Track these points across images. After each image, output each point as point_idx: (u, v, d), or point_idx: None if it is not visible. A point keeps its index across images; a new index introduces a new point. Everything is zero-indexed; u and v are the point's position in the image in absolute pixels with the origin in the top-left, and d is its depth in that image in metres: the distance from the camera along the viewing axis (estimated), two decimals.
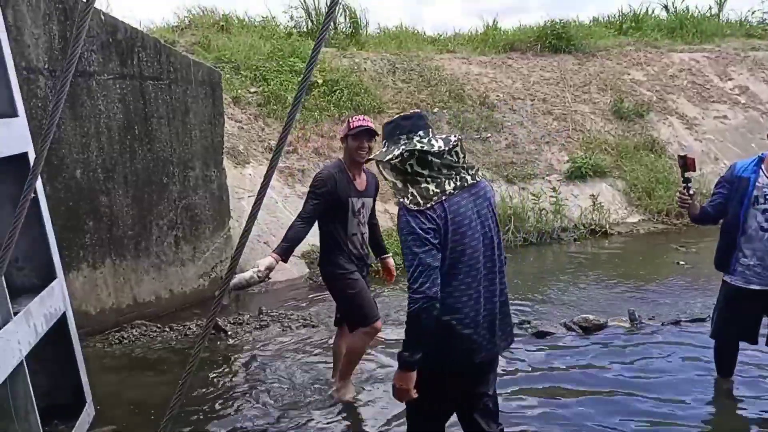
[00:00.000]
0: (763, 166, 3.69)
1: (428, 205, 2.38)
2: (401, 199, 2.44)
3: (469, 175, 2.51)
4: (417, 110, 2.80)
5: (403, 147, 2.46)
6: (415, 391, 2.42)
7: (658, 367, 4.46)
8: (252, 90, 9.60)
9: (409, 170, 2.45)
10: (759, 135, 11.38)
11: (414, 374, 2.40)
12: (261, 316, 5.67)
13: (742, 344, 4.00)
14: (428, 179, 2.43)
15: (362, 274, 3.92)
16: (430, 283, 2.32)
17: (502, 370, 4.44)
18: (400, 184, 2.47)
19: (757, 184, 3.66)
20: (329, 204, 3.74)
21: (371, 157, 2.89)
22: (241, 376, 4.51)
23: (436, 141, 2.49)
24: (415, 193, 2.41)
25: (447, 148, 2.47)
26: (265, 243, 7.21)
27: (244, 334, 5.33)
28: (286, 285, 6.91)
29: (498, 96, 11.31)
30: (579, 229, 9.07)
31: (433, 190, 2.42)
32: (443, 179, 2.44)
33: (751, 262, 3.70)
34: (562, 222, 9.06)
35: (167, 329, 5.45)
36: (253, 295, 6.60)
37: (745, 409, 3.87)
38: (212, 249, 6.44)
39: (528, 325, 5.34)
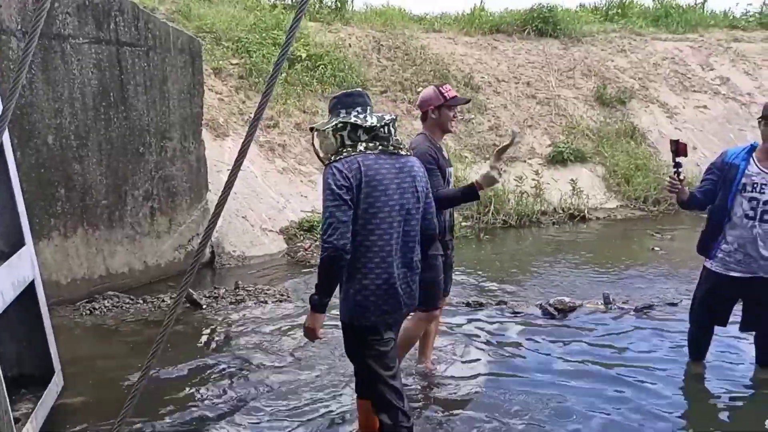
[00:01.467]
0: (754, 155, 3.70)
1: (346, 158, 2.70)
2: (332, 163, 2.73)
3: (395, 148, 2.81)
4: (359, 89, 3.07)
5: (340, 119, 2.77)
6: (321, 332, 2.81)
7: (630, 349, 4.51)
8: (233, 62, 9.42)
9: (339, 140, 2.77)
10: (738, 125, 11.50)
11: (322, 316, 2.75)
12: (237, 290, 5.61)
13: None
14: (350, 149, 2.74)
15: (446, 251, 3.76)
16: (338, 235, 2.60)
17: (481, 349, 4.47)
18: (326, 151, 2.83)
19: (746, 172, 3.67)
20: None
21: (312, 125, 3.00)
22: (215, 350, 4.46)
23: (371, 117, 2.79)
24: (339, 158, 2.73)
25: (379, 125, 2.78)
26: (243, 217, 7.13)
27: (219, 308, 5.27)
28: (263, 260, 6.85)
29: (483, 78, 11.25)
30: (558, 213, 9.12)
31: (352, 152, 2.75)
32: (365, 145, 2.75)
33: (732, 248, 3.73)
34: (542, 206, 9.09)
35: (140, 301, 5.38)
36: (229, 269, 6.54)
37: (714, 392, 3.93)
38: (189, 221, 6.35)
39: (505, 306, 5.36)
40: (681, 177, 3.83)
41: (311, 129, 2.97)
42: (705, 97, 12.02)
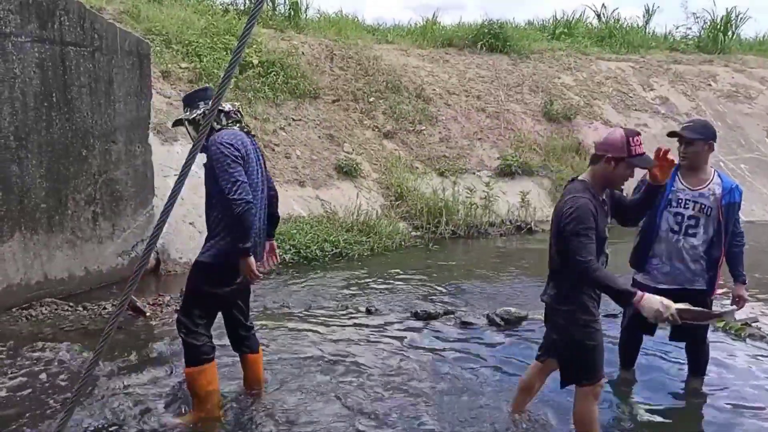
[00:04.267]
0: (679, 173, 3.89)
1: (229, 133, 3.36)
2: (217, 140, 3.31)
3: (249, 129, 3.53)
4: (207, 85, 3.83)
5: (204, 108, 3.42)
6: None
7: None
8: (183, 65, 9.26)
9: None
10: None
11: (252, 259, 3.31)
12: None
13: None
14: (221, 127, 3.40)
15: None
16: (245, 192, 3.23)
17: (427, 361, 4.50)
18: (196, 135, 3.39)
19: (672, 188, 3.85)
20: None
21: (178, 118, 3.57)
22: (159, 360, 4.35)
23: (224, 105, 3.46)
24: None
25: (233, 110, 3.49)
26: (191, 224, 6.99)
27: (163, 316, 5.14)
28: None
29: (434, 90, 11.41)
30: (506, 224, 9.31)
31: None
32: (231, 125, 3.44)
33: (660, 262, 3.90)
34: (490, 217, 9.26)
35: (80, 308, 5.20)
36: (175, 276, 6.39)
37: (641, 399, 4.06)
38: (134, 227, 6.18)
39: (452, 316, 5.42)
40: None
41: (177, 122, 3.61)
42: (645, 115, 12.52)
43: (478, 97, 11.67)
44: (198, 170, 8.11)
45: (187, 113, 3.48)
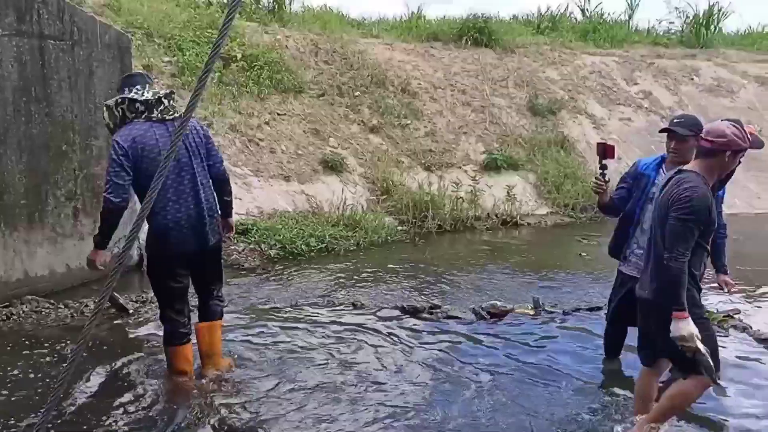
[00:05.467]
0: (663, 166, 3.91)
1: (122, 132, 3.51)
2: (114, 135, 3.52)
3: (169, 115, 3.57)
4: (140, 71, 3.93)
5: (121, 96, 3.54)
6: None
7: (555, 351, 4.65)
8: (165, 59, 9.15)
9: (119, 113, 3.55)
10: (658, 138, 12.03)
11: (103, 252, 3.70)
12: None
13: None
14: (129, 121, 3.54)
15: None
16: (114, 194, 3.46)
17: (416, 354, 4.50)
18: (111, 124, 3.59)
19: (656, 182, 3.87)
20: (701, 234, 3.07)
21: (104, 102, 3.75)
22: (142, 358, 4.30)
23: (148, 92, 3.56)
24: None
25: (154, 99, 3.55)
26: None
27: (146, 313, 5.08)
28: None
29: (419, 84, 11.39)
30: (491, 218, 9.32)
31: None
32: (144, 115, 3.54)
33: (642, 252, 3.92)
34: (476, 211, 9.26)
35: (62, 306, 5.12)
36: None
37: (626, 387, 4.07)
38: None
39: (438, 310, 5.42)
40: (606, 179, 4.01)
41: (105, 106, 3.64)
42: (629, 110, 12.59)
43: (464, 92, 11.66)
44: None
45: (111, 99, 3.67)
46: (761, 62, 14.72)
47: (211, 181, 3.77)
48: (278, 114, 9.54)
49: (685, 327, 2.91)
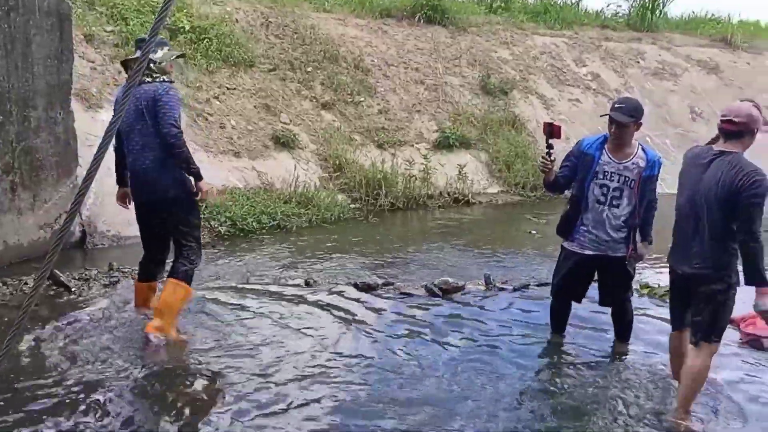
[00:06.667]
0: (606, 146, 4.00)
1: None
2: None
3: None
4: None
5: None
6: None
7: (505, 325, 4.73)
8: (108, 29, 8.76)
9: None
10: (606, 119, 12.38)
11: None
12: (111, 272, 5.26)
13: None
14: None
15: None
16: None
17: (368, 332, 4.50)
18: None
19: (599, 161, 3.98)
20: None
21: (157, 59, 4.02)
22: (85, 338, 4.14)
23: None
24: None
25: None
26: None
27: (90, 291, 4.91)
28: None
29: (372, 61, 11.28)
30: (444, 197, 9.38)
31: None
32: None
33: (587, 230, 4.06)
34: (429, 189, 9.30)
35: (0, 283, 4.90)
36: (102, 249, 6.12)
37: (569, 360, 4.24)
38: (56, 198, 5.84)
39: (391, 287, 5.43)
40: (552, 158, 4.08)
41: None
42: (578, 91, 12.83)
43: (417, 69, 11.62)
44: None
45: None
46: (704, 47, 15.23)
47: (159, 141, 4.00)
48: (228, 88, 9.30)
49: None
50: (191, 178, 4.10)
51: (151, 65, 3.99)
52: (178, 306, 4.07)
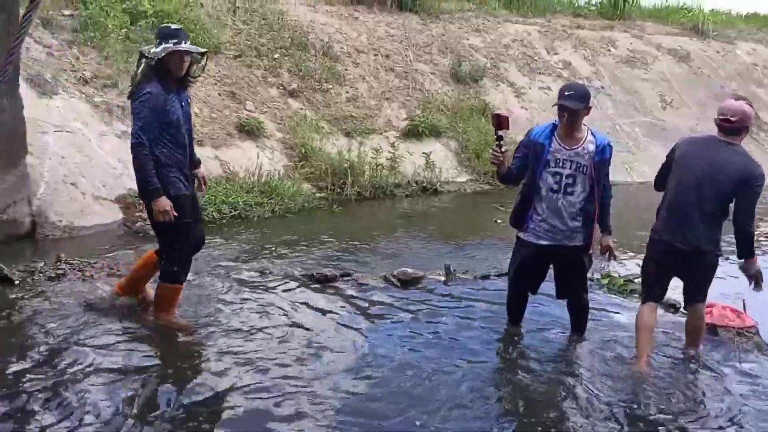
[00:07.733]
0: (556, 133, 3.94)
1: None
2: None
3: None
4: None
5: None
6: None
7: (462, 317, 4.69)
8: (66, 12, 8.50)
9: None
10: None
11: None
12: (58, 263, 5.08)
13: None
14: None
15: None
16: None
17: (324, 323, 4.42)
18: None
19: (550, 149, 3.92)
20: None
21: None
22: (25, 333, 4.00)
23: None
24: None
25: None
26: (72, 184, 6.49)
27: (34, 284, 4.74)
28: (95, 231, 6.28)
29: (342, 48, 11.12)
30: (412, 186, 9.29)
31: None
32: None
33: (542, 219, 3.99)
34: (396, 178, 9.20)
35: None
36: (53, 240, 5.93)
37: (526, 351, 4.22)
38: (3, 188, 5.64)
39: (350, 278, 5.35)
40: (503, 149, 3.99)
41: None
42: (549, 79, 12.77)
43: (387, 57, 11.48)
44: (82, 127, 7.56)
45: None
46: (674, 35, 15.28)
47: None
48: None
49: (758, 267, 3.87)
50: (173, 182, 3.94)
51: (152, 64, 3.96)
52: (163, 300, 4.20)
